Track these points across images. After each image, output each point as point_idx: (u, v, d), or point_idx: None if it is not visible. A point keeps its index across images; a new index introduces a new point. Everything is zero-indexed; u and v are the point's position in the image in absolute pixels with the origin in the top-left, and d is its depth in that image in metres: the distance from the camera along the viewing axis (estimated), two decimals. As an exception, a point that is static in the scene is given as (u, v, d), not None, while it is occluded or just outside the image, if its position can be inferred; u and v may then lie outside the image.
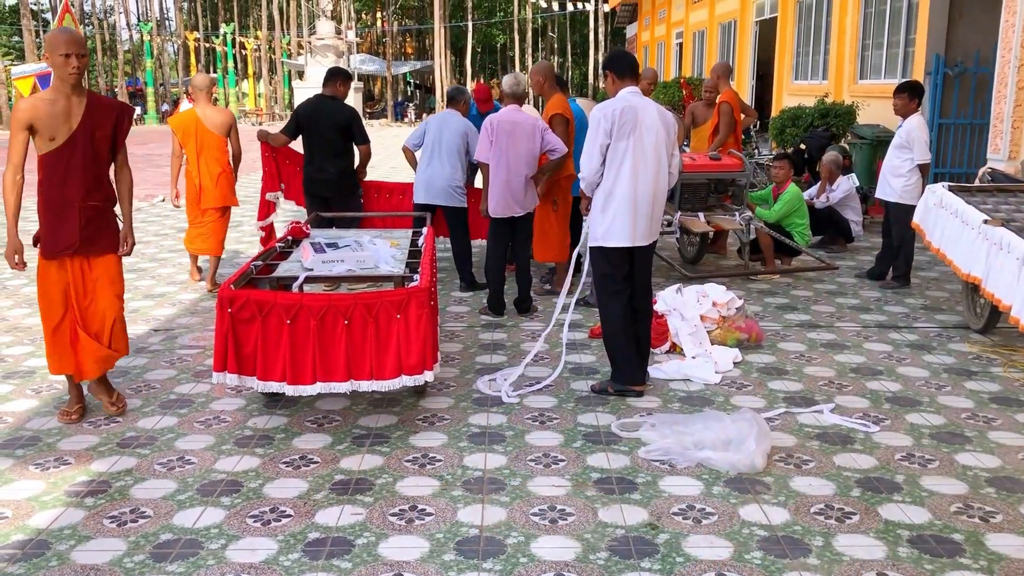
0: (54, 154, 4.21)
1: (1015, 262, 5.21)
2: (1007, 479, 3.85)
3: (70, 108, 4.19)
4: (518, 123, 6.32)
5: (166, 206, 12.85)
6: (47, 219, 4.27)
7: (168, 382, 5.13)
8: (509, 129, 6.28)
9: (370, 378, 4.12)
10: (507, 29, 51.64)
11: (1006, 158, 8.90)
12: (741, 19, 20.47)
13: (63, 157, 4.21)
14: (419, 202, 7.19)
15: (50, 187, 4.24)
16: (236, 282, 4.41)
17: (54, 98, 4.17)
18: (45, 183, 4.25)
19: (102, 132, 4.28)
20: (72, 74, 4.13)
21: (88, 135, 4.22)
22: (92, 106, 4.26)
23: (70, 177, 4.23)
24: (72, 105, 4.20)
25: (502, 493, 3.69)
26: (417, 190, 7.25)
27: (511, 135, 6.28)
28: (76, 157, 4.22)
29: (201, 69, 46.81)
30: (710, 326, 5.72)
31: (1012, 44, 8.84)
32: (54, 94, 4.18)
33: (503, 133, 6.27)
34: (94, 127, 4.24)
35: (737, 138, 8.94)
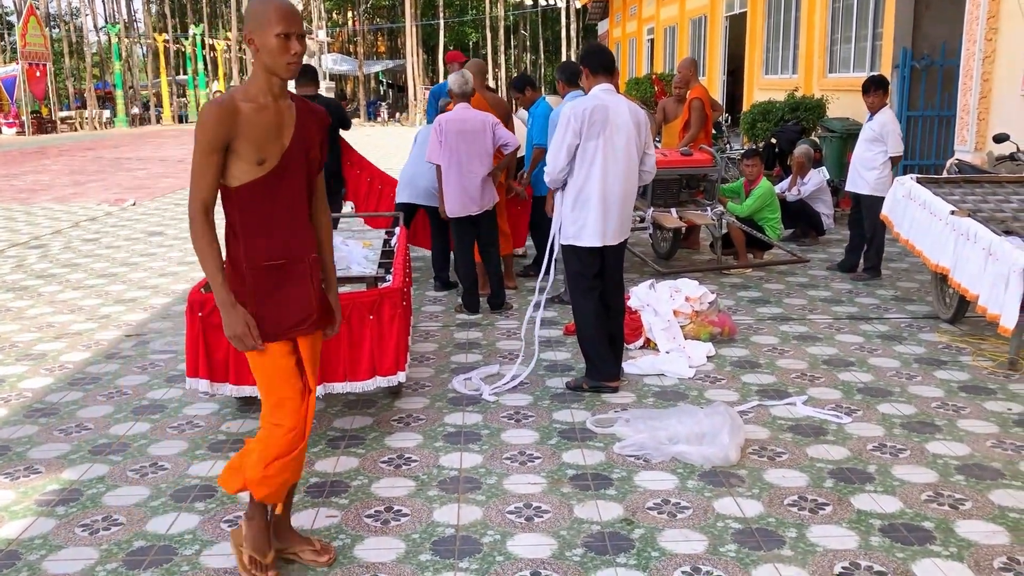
0: (263, 184, 2.85)
1: (981, 252, 5.28)
2: (976, 466, 3.90)
3: (280, 116, 2.86)
4: (467, 121, 6.30)
5: (136, 210, 12.74)
6: (259, 281, 2.89)
7: (140, 387, 5.08)
8: (458, 128, 6.26)
9: (343, 380, 4.11)
10: (479, 27, 51.60)
11: (973, 149, 9.03)
12: (711, 14, 20.57)
13: (275, 188, 2.87)
14: (402, 202, 7.18)
15: (258, 233, 2.88)
16: (206, 286, 4.38)
17: (261, 102, 2.82)
18: (248, 227, 2.87)
19: (313, 151, 2.96)
20: (291, 65, 2.79)
21: (303, 155, 2.92)
22: (302, 113, 2.94)
23: (285, 220, 2.91)
24: (283, 112, 2.87)
25: (478, 492, 3.69)
26: (400, 190, 7.24)
27: (461, 134, 6.26)
28: (292, 187, 2.92)
29: (171, 71, 46.41)
30: (683, 321, 5.75)
31: (976, 36, 8.95)
32: (259, 96, 2.83)
33: (452, 133, 6.24)
34: (307, 143, 2.93)
35: (708, 133, 8.99)
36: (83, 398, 4.91)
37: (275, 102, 2.85)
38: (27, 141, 30.85)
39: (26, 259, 9.02)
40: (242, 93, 2.82)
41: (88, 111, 40.61)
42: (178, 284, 7.69)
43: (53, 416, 4.64)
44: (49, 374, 5.33)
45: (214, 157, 2.77)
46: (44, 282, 7.90)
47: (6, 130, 34.55)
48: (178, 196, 14.39)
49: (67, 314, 6.75)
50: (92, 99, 41.51)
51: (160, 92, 45.64)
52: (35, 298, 7.29)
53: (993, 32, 8.84)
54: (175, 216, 12.05)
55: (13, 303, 7.12)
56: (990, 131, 8.77)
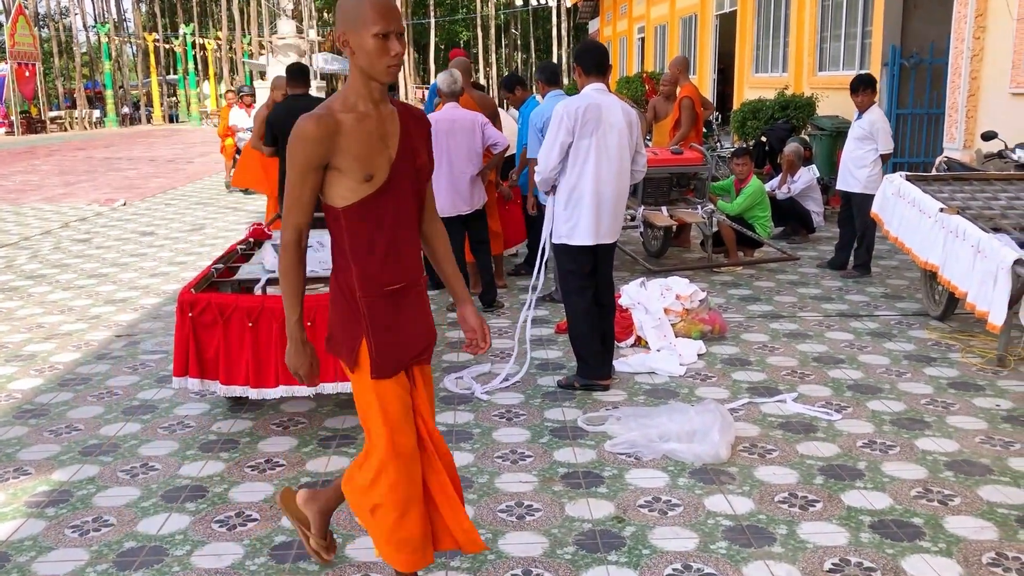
0: (373, 202, 2.53)
1: (970, 249, 5.30)
2: (965, 462, 3.92)
3: (384, 125, 2.57)
4: (456, 120, 6.31)
5: (127, 210, 12.70)
6: (376, 311, 2.58)
7: (131, 388, 5.07)
8: (448, 128, 6.26)
9: (334, 380, 4.10)
10: (470, 26, 51.57)
11: (961, 147, 9.06)
12: (702, 13, 20.61)
13: (385, 204, 2.56)
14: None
15: (372, 256, 2.56)
16: (197, 285, 4.37)
17: (361, 111, 2.52)
18: (360, 250, 2.56)
19: (420, 158, 2.65)
20: (392, 68, 2.49)
21: (411, 164, 2.61)
22: (404, 117, 2.63)
23: (400, 239, 2.60)
24: (386, 119, 2.58)
25: (469, 491, 3.69)
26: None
27: (450, 134, 6.26)
28: (404, 201, 2.60)
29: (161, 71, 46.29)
30: (674, 319, 5.76)
31: (964, 35, 8.99)
32: (359, 104, 2.53)
33: (442, 132, 6.23)
34: (414, 151, 2.62)
35: (698, 132, 9.01)
36: (73, 399, 4.89)
37: (376, 109, 2.55)
38: (16, 141, 30.71)
39: (15, 260, 8.98)
40: (340, 102, 2.53)
41: (78, 111, 40.47)
42: (168, 284, 7.67)
43: (43, 417, 4.62)
44: (39, 375, 5.31)
45: (312, 177, 2.48)
46: (34, 283, 7.87)
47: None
48: (168, 196, 14.35)
49: (57, 315, 6.72)
50: (82, 99, 41.37)
51: (150, 92, 45.49)
52: (25, 299, 7.26)
53: (981, 30, 8.88)
54: (165, 216, 12.02)
55: (2, 304, 7.09)
56: (978, 129, 8.80)
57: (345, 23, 2.49)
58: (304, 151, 2.45)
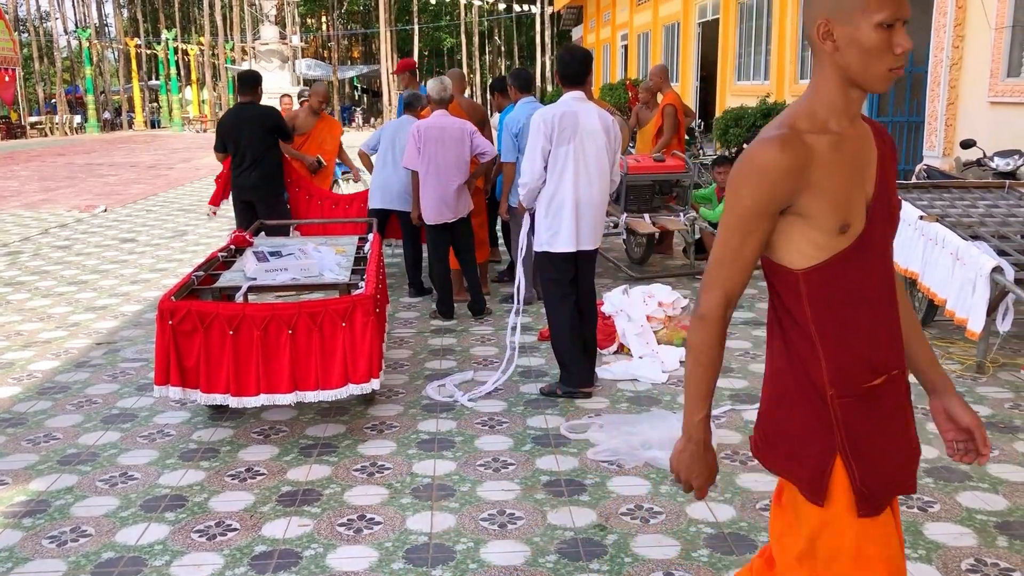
0: (848, 261, 1.79)
1: (949, 257, 5.35)
2: (944, 468, 3.94)
3: (861, 153, 1.82)
4: (445, 129, 6.31)
5: (107, 216, 12.61)
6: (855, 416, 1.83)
7: (110, 396, 5.03)
8: (437, 135, 6.26)
9: (316, 388, 4.09)
10: (454, 32, 51.61)
11: (941, 155, 9.15)
12: (684, 21, 20.72)
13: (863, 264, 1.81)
14: (375, 207, 7.18)
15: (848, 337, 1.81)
16: (177, 293, 4.34)
17: (835, 130, 1.79)
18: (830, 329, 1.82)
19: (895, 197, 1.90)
20: (893, 72, 1.75)
21: (887, 206, 1.86)
22: (879, 142, 1.88)
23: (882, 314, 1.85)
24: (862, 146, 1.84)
25: (451, 499, 3.68)
26: (372, 195, 7.23)
27: (439, 141, 6.26)
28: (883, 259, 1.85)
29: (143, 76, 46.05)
30: (657, 326, 5.78)
31: (944, 44, 9.08)
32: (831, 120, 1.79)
33: (431, 140, 6.23)
34: (891, 188, 1.88)
35: (681, 139, 9.05)
36: (52, 407, 4.85)
37: (852, 128, 1.81)
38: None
39: (-6, 266, 8.89)
40: (805, 119, 1.78)
41: (58, 116, 40.19)
42: (149, 291, 7.62)
43: (21, 426, 4.58)
44: (17, 383, 5.26)
45: (763, 225, 1.77)
46: (13, 289, 7.79)
47: (-26, 136, 34.10)
48: (150, 202, 14.27)
49: (36, 322, 6.66)
50: (62, 104, 41.08)
51: (132, 97, 45.26)
52: (3, 306, 7.19)
53: (960, 40, 8.97)
54: (146, 223, 11.94)
55: (-20, 311, 7.02)
56: (957, 137, 8.88)
57: (829, 6, 1.74)
58: (760, 188, 1.73)
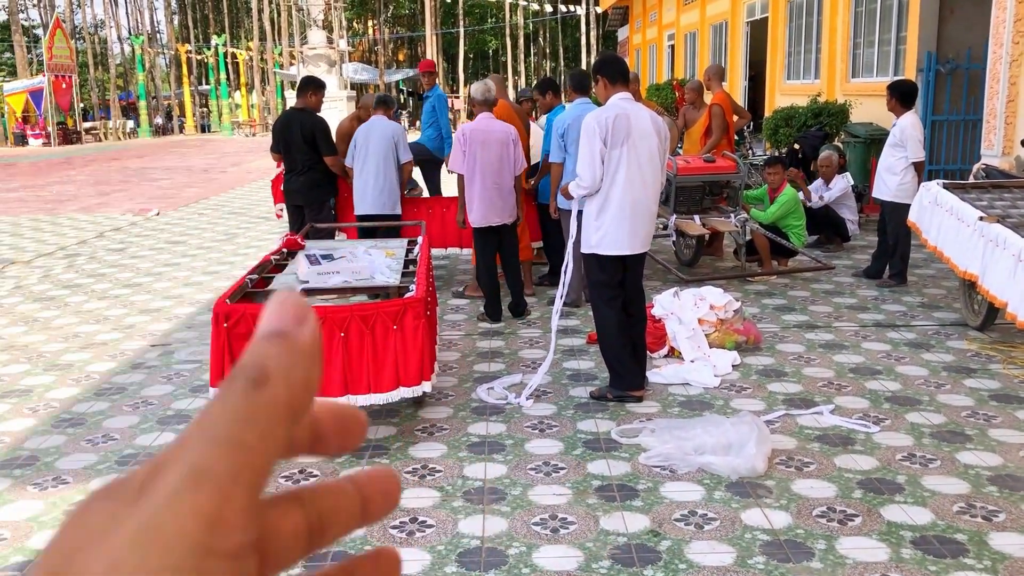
0: None
1: (1011, 258, 5.21)
2: (1009, 477, 3.84)
3: None
4: (491, 132, 6.31)
5: (160, 220, 12.84)
6: None
7: (165, 398, 5.11)
8: (482, 139, 6.26)
9: (368, 391, 4.10)
10: (499, 35, 51.69)
11: (1000, 154, 8.91)
12: (732, 20, 20.50)
13: None
14: (360, 213, 7.25)
15: None
16: (231, 296, 4.39)
17: None
18: None
19: None
20: None
21: None
22: None
23: None
24: None
25: (503, 503, 3.68)
26: (356, 202, 7.28)
27: (484, 144, 6.26)
28: None
29: (193, 82, 46.83)
30: (708, 329, 5.71)
31: (1003, 40, 8.85)
32: None
33: (476, 143, 6.24)
34: None
35: (730, 139, 8.94)
36: (109, 408, 4.94)
37: None
38: (53, 152, 31.20)
39: (52, 269, 9.10)
40: None
41: (112, 121, 41.04)
42: (202, 294, 7.73)
43: (80, 426, 4.67)
44: (76, 384, 5.37)
45: None
46: (70, 292, 7.97)
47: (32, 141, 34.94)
48: (201, 206, 14.50)
49: (93, 324, 6.80)
50: (116, 109, 41.94)
51: (183, 102, 46.06)
52: (61, 308, 7.35)
53: (1020, 35, 8.73)
54: (198, 226, 12.13)
55: (40, 313, 7.18)
56: (1018, 135, 8.66)
57: None
58: None
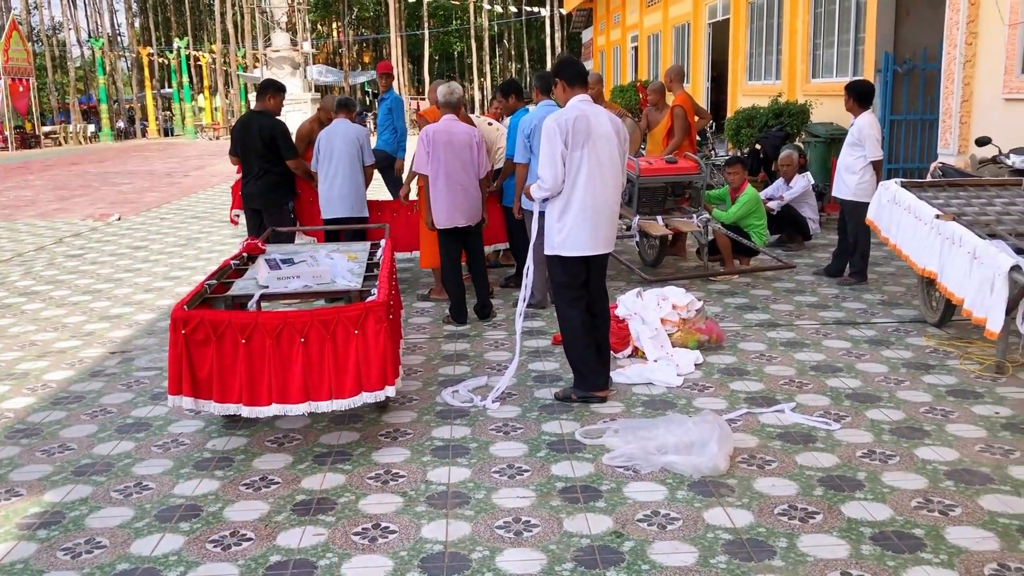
0: None
1: (966, 256, 5.29)
2: (965, 471, 3.89)
3: None
4: (454, 133, 6.30)
5: (121, 225, 12.66)
6: None
7: (125, 406, 5.03)
8: (446, 139, 6.25)
9: (329, 397, 4.06)
10: (464, 37, 51.65)
11: (956, 152, 9.06)
12: (694, 22, 20.65)
13: None
14: (327, 217, 7.22)
15: None
16: (189, 302, 4.33)
17: None
18: None
19: None
20: None
21: None
22: None
23: None
24: None
25: (466, 507, 3.66)
26: (323, 206, 7.26)
27: (449, 145, 6.25)
28: None
29: (156, 85, 46.29)
30: (671, 329, 5.73)
31: (957, 41, 9.00)
32: None
33: (440, 144, 6.23)
34: None
35: (692, 140, 9.00)
36: (66, 417, 4.85)
37: None
38: (10, 156, 30.67)
39: (9, 276, 8.93)
40: None
41: (72, 125, 40.44)
42: (163, 300, 7.63)
43: (35, 437, 4.58)
44: (32, 393, 5.27)
45: None
46: (27, 299, 7.82)
47: (-11, 146, 34.34)
48: (163, 210, 14.32)
49: (51, 332, 6.68)
50: (76, 113, 41.34)
51: (145, 105, 45.51)
52: (18, 316, 7.22)
53: (973, 36, 8.89)
54: (160, 230, 11.98)
55: (-4, 322, 7.04)
56: (972, 134, 8.80)
57: None
58: None
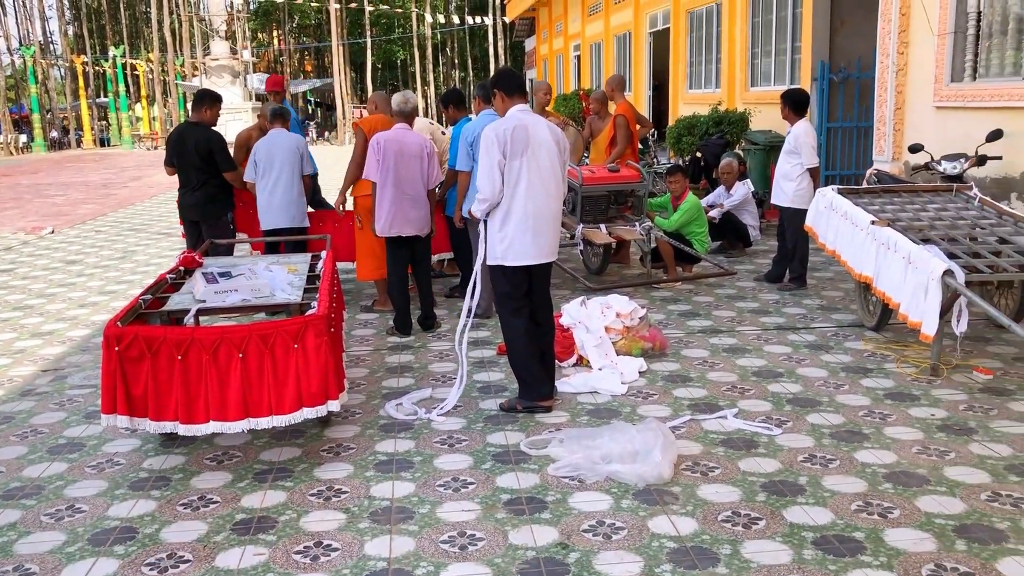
0: None
1: (901, 261, 5.40)
2: (903, 473, 3.96)
3: None
4: (405, 143, 6.30)
5: (55, 238, 12.33)
6: None
7: (57, 425, 4.88)
8: (397, 148, 6.25)
9: (269, 414, 3.97)
10: (407, 45, 51.49)
11: (890, 159, 9.26)
12: (635, 31, 20.85)
13: None
14: (267, 228, 7.14)
15: None
16: (123, 318, 4.22)
17: None
18: None
19: None
20: None
21: None
22: None
23: None
24: None
25: (410, 522, 3.61)
26: (261, 216, 7.17)
27: (400, 154, 6.25)
28: None
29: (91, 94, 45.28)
30: (615, 337, 5.76)
31: (889, 50, 9.21)
32: None
33: (391, 152, 6.23)
34: None
35: (634, 149, 9.07)
36: (-5, 439, 4.69)
37: None
38: (-62, 168, 29.70)
39: (-65, 293, 8.62)
40: None
41: (2, 136, 39.32)
42: (98, 315, 7.43)
43: (-38, 460, 4.41)
44: (-42, 415, 5.08)
45: None
46: (-46, 317, 7.56)
47: (-84, 157, 33.23)
48: (99, 223, 13.98)
49: (-21, 350, 6.46)
50: (7, 123, 40.21)
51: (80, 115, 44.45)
52: (-56, 334, 6.96)
53: (904, 46, 9.10)
54: (96, 244, 11.69)
55: (-80, 340, 6.79)
56: (906, 141, 9.01)
57: None
58: None
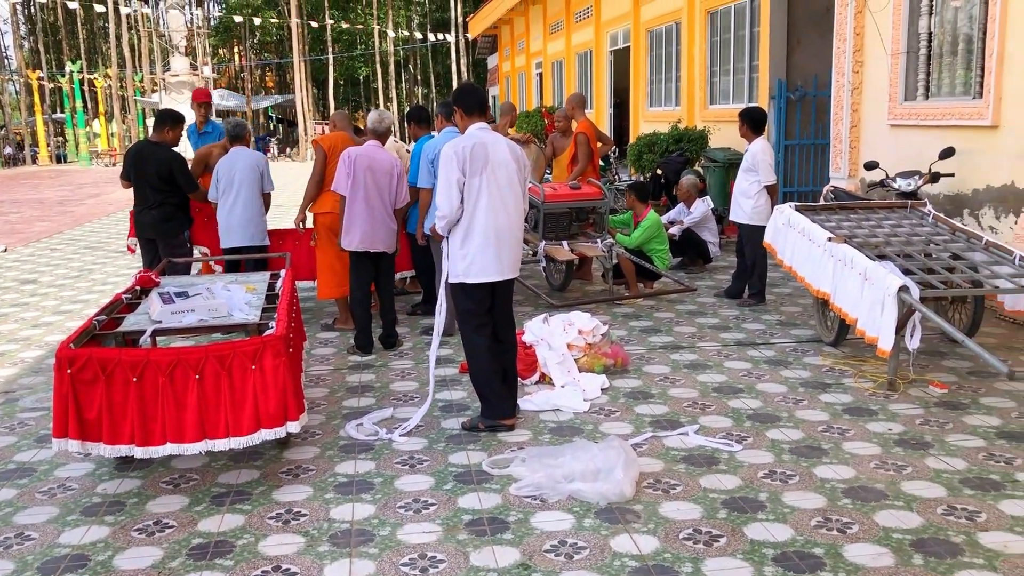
0: None
1: (858, 277, 5.47)
2: (861, 488, 3.99)
3: None
4: (376, 159, 6.31)
5: (8, 256, 12.08)
6: None
7: (7, 450, 4.76)
8: (367, 164, 6.27)
9: (226, 435, 3.92)
10: (369, 61, 51.44)
11: (847, 176, 9.41)
12: (596, 49, 21.02)
13: None
14: (227, 246, 7.10)
15: None
16: (76, 340, 4.14)
17: None
18: None
19: None
20: None
21: None
22: None
23: None
24: None
25: (371, 545, 3.57)
26: (222, 235, 7.13)
27: (370, 171, 6.27)
28: None
29: (47, 110, 44.62)
30: (577, 354, 5.76)
31: (844, 69, 9.37)
32: None
33: (362, 168, 6.25)
34: None
35: (595, 166, 9.12)
36: (-58, 465, 4.56)
37: None
38: None
39: None
40: None
41: (-44, 152, 38.60)
42: (52, 336, 7.29)
43: (-93, 487, 4.28)
44: (-96, 440, 4.94)
45: None
46: (-98, 338, 7.37)
47: None
48: (54, 240, 13.74)
49: (-73, 373, 6.30)
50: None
51: (35, 131, 43.76)
52: None
53: (859, 65, 9.27)
54: (51, 262, 11.47)
55: None
56: (861, 159, 9.16)
57: None
58: None
